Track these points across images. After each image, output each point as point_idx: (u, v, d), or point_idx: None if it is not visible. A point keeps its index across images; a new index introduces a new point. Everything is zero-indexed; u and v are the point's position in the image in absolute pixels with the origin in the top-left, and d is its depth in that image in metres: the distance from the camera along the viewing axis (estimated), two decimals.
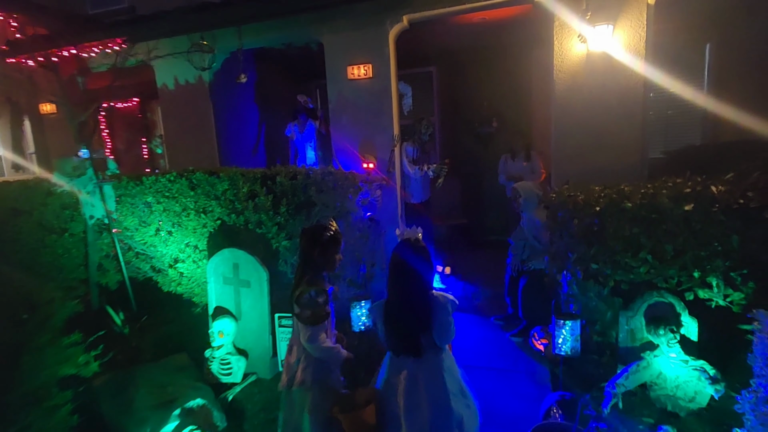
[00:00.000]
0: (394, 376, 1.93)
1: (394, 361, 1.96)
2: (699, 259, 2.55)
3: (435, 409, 1.84)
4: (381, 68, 4.35)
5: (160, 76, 5.46)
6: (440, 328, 1.88)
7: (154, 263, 4.03)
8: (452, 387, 1.91)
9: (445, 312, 1.89)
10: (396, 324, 1.91)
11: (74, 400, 2.32)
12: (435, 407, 1.84)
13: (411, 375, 1.88)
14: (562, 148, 3.93)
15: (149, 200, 3.75)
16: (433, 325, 1.87)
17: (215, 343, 3.08)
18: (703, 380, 2.48)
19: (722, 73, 5.17)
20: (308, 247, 2.12)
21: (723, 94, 4.98)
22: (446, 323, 1.88)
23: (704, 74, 5.31)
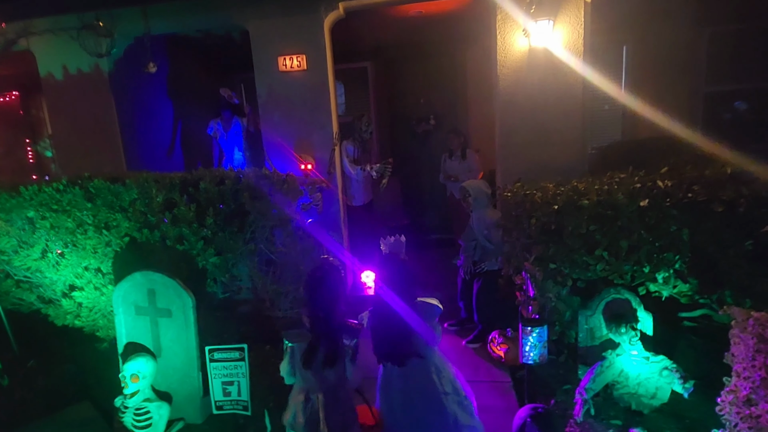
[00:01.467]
0: (388, 381, 2.04)
1: (387, 369, 2.04)
2: (652, 254, 2.56)
3: (428, 409, 1.95)
4: (316, 60, 3.96)
5: (43, 63, 4.53)
6: (426, 332, 1.97)
7: (41, 293, 3.25)
8: (444, 387, 2.00)
9: (429, 318, 1.99)
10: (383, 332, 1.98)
11: None
12: (428, 408, 1.95)
13: (401, 379, 1.99)
14: (507, 144, 3.86)
15: (31, 215, 3.00)
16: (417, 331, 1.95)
17: (128, 390, 2.50)
18: (664, 376, 2.48)
19: (637, 74, 5.52)
20: None
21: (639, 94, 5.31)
22: (431, 328, 1.99)
23: (622, 74, 5.63)
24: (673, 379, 2.41)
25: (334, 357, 1.85)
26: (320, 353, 1.86)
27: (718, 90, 5.45)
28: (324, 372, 1.87)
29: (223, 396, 2.61)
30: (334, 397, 1.89)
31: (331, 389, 1.89)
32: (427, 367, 2.00)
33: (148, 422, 2.50)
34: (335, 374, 1.88)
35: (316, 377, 1.88)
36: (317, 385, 1.89)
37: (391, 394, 2.02)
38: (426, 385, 1.99)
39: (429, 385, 1.99)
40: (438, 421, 1.96)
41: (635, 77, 5.49)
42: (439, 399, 1.98)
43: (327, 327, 1.88)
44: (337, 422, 1.87)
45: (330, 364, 1.85)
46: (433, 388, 1.99)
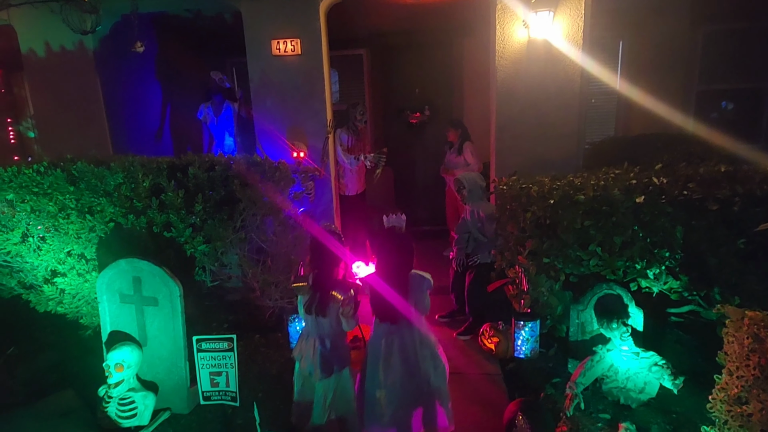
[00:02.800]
0: (377, 339, 2.26)
1: (378, 327, 2.28)
2: (645, 250, 2.56)
3: (405, 369, 2.19)
4: (311, 44, 3.86)
5: (24, 39, 4.35)
6: (416, 302, 2.21)
7: (22, 278, 3.14)
8: (422, 351, 2.23)
9: (420, 289, 2.22)
10: (379, 295, 2.19)
11: None
12: (405, 366, 2.20)
13: (389, 339, 2.22)
14: (503, 137, 3.83)
15: (10, 198, 2.88)
16: (409, 299, 2.19)
17: (112, 379, 2.43)
18: (653, 371, 2.50)
19: (633, 69, 5.51)
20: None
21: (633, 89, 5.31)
22: (421, 298, 2.22)
23: (618, 69, 5.62)
24: (662, 375, 2.43)
25: (324, 308, 2.18)
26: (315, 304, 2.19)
27: (711, 88, 5.49)
28: (318, 319, 2.21)
29: (210, 386, 2.56)
30: (328, 341, 2.23)
31: (325, 334, 2.23)
32: (413, 332, 2.23)
33: (133, 412, 2.44)
34: (329, 323, 2.21)
35: (314, 323, 2.23)
36: (314, 329, 2.24)
37: (377, 351, 2.25)
38: (407, 348, 2.22)
39: (410, 347, 2.22)
40: (412, 381, 2.21)
41: (630, 72, 5.48)
42: (416, 361, 2.21)
43: (323, 283, 2.21)
44: (329, 361, 2.21)
45: (321, 314, 2.19)
46: (413, 350, 2.22)
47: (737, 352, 1.69)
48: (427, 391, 2.23)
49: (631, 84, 5.37)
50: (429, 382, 2.23)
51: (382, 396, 2.20)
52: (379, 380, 2.21)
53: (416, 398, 2.23)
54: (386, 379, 2.20)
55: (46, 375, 2.96)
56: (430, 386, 2.23)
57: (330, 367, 2.21)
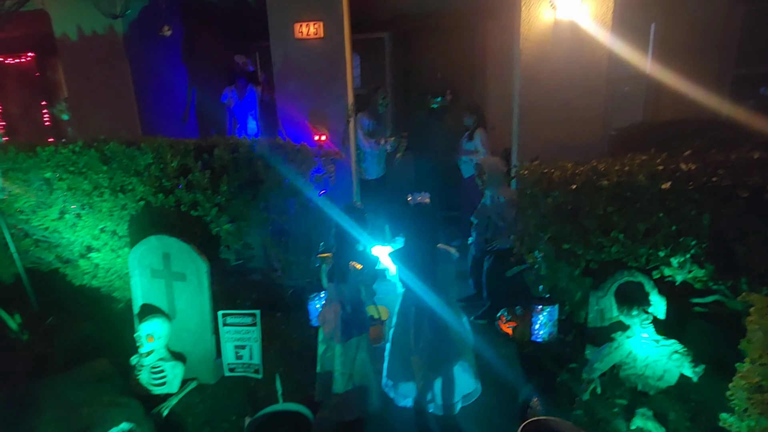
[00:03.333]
0: (407, 308, 2.43)
1: (407, 297, 2.45)
2: (670, 238, 2.51)
3: (435, 333, 2.35)
4: (333, 27, 3.86)
5: (58, 24, 4.49)
6: (443, 271, 2.41)
7: (60, 252, 3.32)
8: (449, 319, 2.39)
9: (447, 261, 2.44)
10: (411, 265, 2.39)
11: None
12: (435, 332, 2.35)
13: (418, 307, 2.38)
14: (526, 122, 3.77)
15: (48, 176, 3.03)
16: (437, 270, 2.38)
17: (143, 349, 2.57)
18: (673, 359, 2.48)
19: (664, 53, 5.30)
20: None
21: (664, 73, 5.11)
22: (448, 270, 2.45)
23: (648, 52, 5.41)
24: (682, 363, 2.41)
25: (344, 275, 2.34)
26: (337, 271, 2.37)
27: (749, 72, 5.23)
28: (340, 286, 2.37)
29: (235, 359, 2.67)
30: (348, 306, 2.38)
31: (346, 300, 2.37)
32: (440, 301, 2.39)
33: (163, 380, 2.58)
34: (348, 290, 2.37)
35: (335, 289, 2.39)
36: (336, 296, 2.39)
37: (407, 319, 2.42)
38: (436, 315, 2.36)
39: (438, 315, 2.36)
40: (441, 347, 2.38)
41: (662, 55, 5.27)
42: (445, 328, 2.39)
43: (344, 253, 2.38)
44: (349, 325, 2.37)
45: (342, 281, 2.36)
46: (441, 318, 2.37)
47: (761, 340, 1.66)
48: (455, 356, 2.42)
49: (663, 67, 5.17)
50: (457, 348, 2.43)
51: (414, 360, 2.38)
52: (410, 346, 2.38)
53: (445, 363, 2.40)
54: (417, 344, 2.37)
55: (83, 344, 3.14)
56: (458, 351, 2.43)
57: (350, 331, 2.36)
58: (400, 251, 2.51)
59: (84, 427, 2.01)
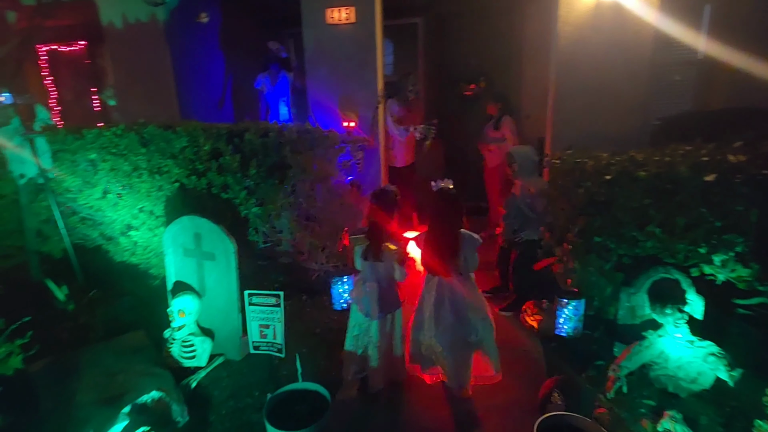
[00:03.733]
0: (429, 291, 2.49)
1: (429, 281, 2.51)
2: (711, 234, 2.36)
3: (456, 317, 2.41)
4: (365, 12, 3.83)
5: (105, 12, 4.70)
6: (466, 258, 2.43)
7: (103, 230, 3.53)
8: (471, 304, 2.45)
9: (470, 247, 2.44)
10: (432, 251, 2.44)
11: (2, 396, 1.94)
12: (456, 316, 2.41)
13: (440, 291, 2.44)
14: (562, 110, 3.63)
15: (93, 157, 3.21)
16: (460, 255, 2.41)
17: (175, 323, 2.70)
18: (709, 361, 2.35)
19: (719, 37, 4.90)
20: None
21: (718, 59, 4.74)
22: (470, 255, 2.44)
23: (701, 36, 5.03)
24: (718, 366, 2.28)
25: (379, 254, 2.44)
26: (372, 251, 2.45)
27: None
28: (375, 265, 2.46)
29: (259, 337, 2.76)
30: (384, 283, 2.49)
31: (381, 278, 2.48)
32: (462, 286, 2.45)
33: (193, 354, 2.71)
34: (383, 267, 2.46)
35: (370, 268, 2.48)
36: (371, 274, 2.48)
37: (428, 302, 2.49)
38: (457, 300, 2.44)
39: (460, 299, 2.44)
40: (461, 331, 2.44)
41: (717, 39, 4.88)
42: (465, 312, 2.44)
43: (378, 233, 2.46)
44: (384, 302, 2.48)
45: (377, 259, 2.45)
46: (462, 303, 2.44)
47: None
48: (474, 341, 2.47)
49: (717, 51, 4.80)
50: (477, 333, 2.46)
51: (432, 343, 2.46)
52: (431, 329, 2.45)
53: (464, 347, 2.46)
54: (437, 327, 2.44)
55: (122, 317, 3.34)
56: (478, 337, 2.46)
57: (384, 307, 2.48)
58: (423, 235, 2.55)
59: (119, 393, 2.14)
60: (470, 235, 2.48)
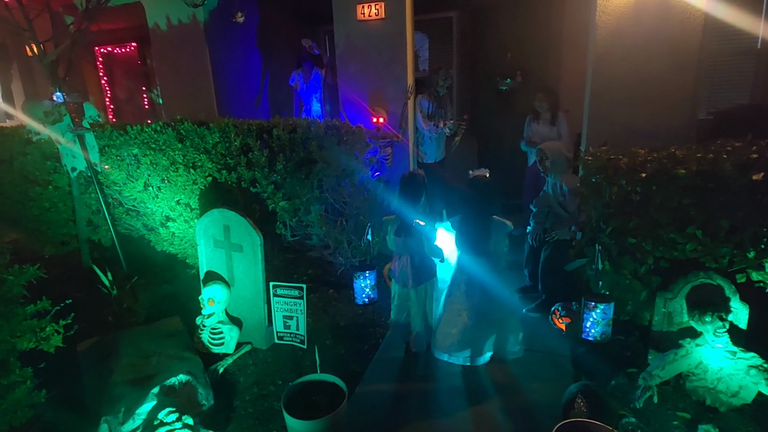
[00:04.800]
0: (461, 269, 2.74)
1: (462, 261, 2.72)
2: (761, 237, 2.18)
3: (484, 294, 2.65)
4: (395, 8, 3.81)
5: (150, 15, 4.96)
6: (496, 243, 2.63)
7: (145, 221, 3.76)
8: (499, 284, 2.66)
9: (501, 232, 2.63)
10: (467, 233, 2.67)
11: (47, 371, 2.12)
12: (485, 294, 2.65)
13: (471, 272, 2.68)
14: (599, 104, 3.45)
15: (136, 152, 3.41)
16: (491, 238, 2.62)
17: (205, 311, 2.84)
18: (752, 375, 2.18)
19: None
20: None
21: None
22: (501, 240, 2.64)
23: (761, 22, 4.62)
24: (761, 380, 2.11)
25: (409, 230, 2.66)
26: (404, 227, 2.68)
27: None
28: (407, 240, 2.67)
29: (283, 328, 2.84)
30: (416, 258, 2.73)
31: (414, 252, 2.72)
32: (491, 267, 2.65)
33: (221, 341, 2.83)
34: (414, 243, 2.68)
35: (403, 243, 2.70)
36: (404, 249, 2.71)
37: (460, 279, 2.73)
38: (486, 279, 2.64)
39: (488, 279, 2.64)
40: (489, 307, 2.67)
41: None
42: (492, 291, 2.65)
43: (410, 212, 2.67)
44: (419, 272, 2.74)
45: (407, 235, 2.67)
46: (490, 282, 2.64)
47: None
48: (500, 318, 2.69)
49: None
50: (503, 311, 2.69)
51: (464, 316, 2.69)
52: (463, 302, 2.70)
53: (491, 323, 2.69)
54: (468, 302, 2.68)
55: (160, 303, 3.54)
56: (504, 314, 2.69)
57: (420, 277, 2.75)
58: (457, 220, 2.75)
59: (151, 374, 2.28)
60: (501, 221, 2.63)
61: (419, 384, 2.62)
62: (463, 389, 2.56)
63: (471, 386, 2.59)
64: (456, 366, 2.75)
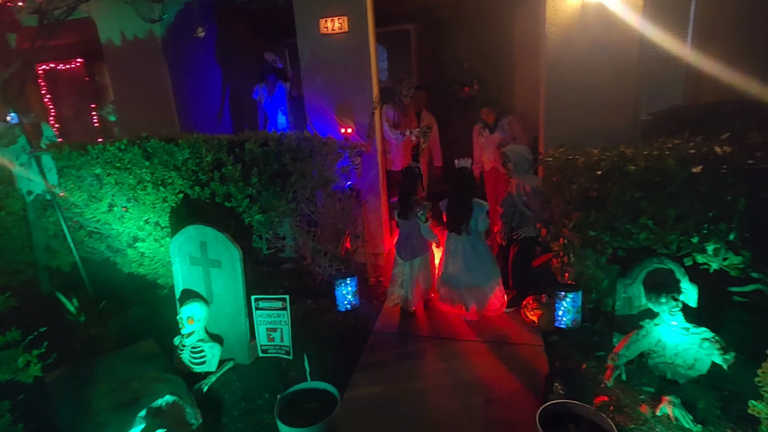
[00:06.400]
0: (449, 241, 3.34)
1: (450, 235, 3.33)
2: (702, 224, 2.44)
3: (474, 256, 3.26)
4: (358, 21, 3.92)
5: (103, 30, 4.80)
6: (476, 220, 3.17)
7: (110, 242, 3.61)
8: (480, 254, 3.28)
9: (479, 210, 3.17)
10: (452, 214, 3.23)
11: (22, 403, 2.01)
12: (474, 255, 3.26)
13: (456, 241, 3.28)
14: (553, 109, 3.71)
15: (98, 172, 3.29)
16: (472, 217, 3.16)
17: (185, 330, 2.78)
18: (704, 347, 2.42)
19: (707, 31, 5.01)
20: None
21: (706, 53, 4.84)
22: (479, 217, 3.17)
23: (688, 31, 5.14)
24: (713, 351, 2.35)
25: (407, 213, 3.30)
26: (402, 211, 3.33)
27: None
28: (405, 221, 3.33)
29: (267, 341, 2.84)
30: (414, 237, 3.36)
31: (409, 232, 3.38)
32: (481, 240, 3.29)
33: (203, 359, 2.78)
34: (411, 224, 3.32)
35: (403, 224, 3.37)
36: (404, 228, 3.39)
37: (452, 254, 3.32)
38: (471, 245, 3.25)
39: (473, 245, 3.25)
40: (477, 266, 3.26)
41: (704, 34, 4.99)
42: (476, 261, 3.26)
43: (407, 199, 3.29)
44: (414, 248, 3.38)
45: (404, 217, 3.32)
46: (477, 246, 3.27)
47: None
48: (486, 276, 3.26)
49: (704, 47, 4.91)
50: (489, 271, 3.26)
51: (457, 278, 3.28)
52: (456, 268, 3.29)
53: (480, 280, 3.25)
54: (463, 262, 3.26)
55: (132, 326, 3.41)
56: (489, 274, 3.26)
57: (415, 252, 3.37)
58: (446, 201, 3.30)
59: (134, 397, 2.21)
60: (479, 201, 3.19)
61: (405, 384, 2.69)
62: (447, 386, 2.66)
63: (454, 382, 2.69)
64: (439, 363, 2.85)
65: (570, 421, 2.05)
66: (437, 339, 3.15)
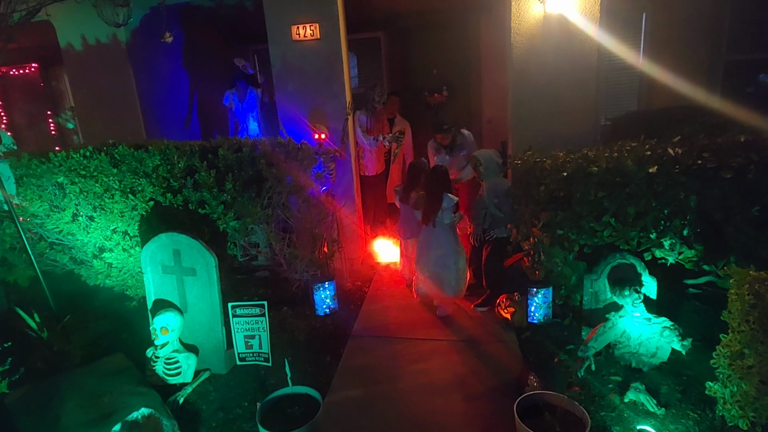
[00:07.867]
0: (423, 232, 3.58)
1: (425, 227, 3.55)
2: (659, 220, 2.61)
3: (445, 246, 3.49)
4: (329, 28, 3.96)
5: (62, 34, 4.62)
6: (442, 213, 3.43)
7: (74, 254, 3.45)
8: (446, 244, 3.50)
9: (448, 204, 3.40)
10: (428, 204, 3.48)
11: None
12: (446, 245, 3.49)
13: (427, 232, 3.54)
14: (520, 115, 3.87)
15: (61, 181, 3.16)
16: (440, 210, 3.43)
17: (158, 341, 2.70)
18: (664, 336, 2.58)
19: (657, 42, 5.38)
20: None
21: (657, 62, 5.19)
22: (446, 211, 3.42)
23: (641, 42, 5.49)
24: (672, 339, 2.51)
25: (407, 199, 3.73)
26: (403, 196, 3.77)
27: (741, 58, 5.30)
28: (404, 206, 3.78)
29: (245, 348, 2.79)
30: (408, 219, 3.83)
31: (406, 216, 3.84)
32: (448, 232, 3.51)
33: (178, 371, 2.70)
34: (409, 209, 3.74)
35: (403, 208, 3.83)
36: (403, 211, 3.85)
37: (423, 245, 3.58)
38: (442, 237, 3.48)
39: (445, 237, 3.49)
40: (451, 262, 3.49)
41: (654, 45, 5.35)
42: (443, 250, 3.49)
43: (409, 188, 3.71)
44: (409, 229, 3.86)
45: (405, 203, 3.75)
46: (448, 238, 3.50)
47: (739, 309, 1.77)
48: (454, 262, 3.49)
49: (655, 57, 5.26)
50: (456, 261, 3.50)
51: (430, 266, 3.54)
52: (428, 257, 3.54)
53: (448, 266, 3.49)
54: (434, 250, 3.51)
55: (99, 341, 3.28)
56: (457, 263, 3.50)
57: (410, 232, 3.80)
58: (422, 196, 3.59)
59: (107, 412, 2.13)
60: (448, 196, 3.41)
61: (386, 385, 2.72)
62: (426, 385, 2.71)
63: (434, 381, 2.74)
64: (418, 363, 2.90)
65: (546, 411, 2.14)
66: (415, 340, 3.20)
